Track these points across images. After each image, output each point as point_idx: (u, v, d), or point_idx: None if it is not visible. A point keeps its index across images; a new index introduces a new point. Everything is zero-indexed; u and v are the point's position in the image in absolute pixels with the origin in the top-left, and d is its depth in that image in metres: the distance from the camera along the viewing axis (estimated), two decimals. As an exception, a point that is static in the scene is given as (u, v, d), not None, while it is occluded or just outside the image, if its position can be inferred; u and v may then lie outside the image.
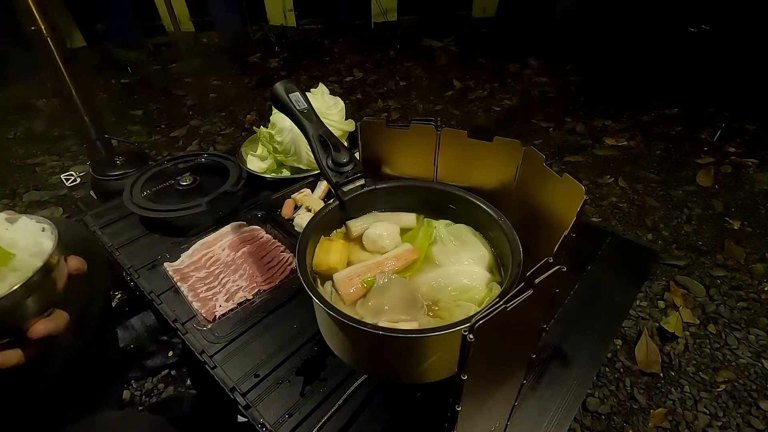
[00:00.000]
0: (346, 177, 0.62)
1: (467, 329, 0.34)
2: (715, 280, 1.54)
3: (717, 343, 1.34)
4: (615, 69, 3.15)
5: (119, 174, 1.33)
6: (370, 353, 0.55)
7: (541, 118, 2.59)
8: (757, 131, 2.39)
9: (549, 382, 0.69)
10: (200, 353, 0.74)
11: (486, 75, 3.15)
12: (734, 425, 1.14)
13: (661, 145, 2.32)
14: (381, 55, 3.54)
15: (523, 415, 0.64)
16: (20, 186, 2.11)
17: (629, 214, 1.86)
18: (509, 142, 0.62)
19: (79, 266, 0.49)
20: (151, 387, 1.24)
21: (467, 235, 0.66)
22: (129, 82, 3.20)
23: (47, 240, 0.46)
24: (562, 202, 0.55)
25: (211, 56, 3.61)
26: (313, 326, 0.76)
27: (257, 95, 2.96)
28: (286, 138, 1.12)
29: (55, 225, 0.48)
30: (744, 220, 1.80)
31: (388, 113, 2.73)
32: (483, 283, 0.60)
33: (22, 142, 2.49)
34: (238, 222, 0.99)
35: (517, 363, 0.49)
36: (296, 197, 1.03)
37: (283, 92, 0.66)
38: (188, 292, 0.83)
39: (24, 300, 0.41)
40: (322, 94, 1.19)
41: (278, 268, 0.88)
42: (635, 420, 1.16)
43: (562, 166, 2.16)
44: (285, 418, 0.65)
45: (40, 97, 2.88)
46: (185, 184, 1.09)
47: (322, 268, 0.62)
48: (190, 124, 2.63)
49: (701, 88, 2.77)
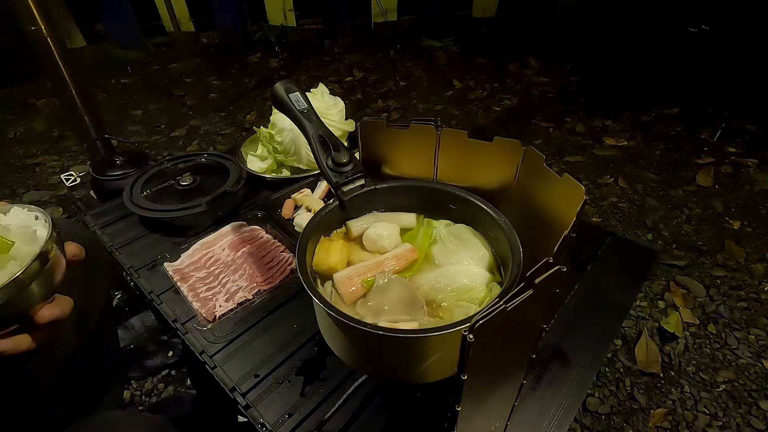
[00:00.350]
0: (346, 177, 0.62)
1: (467, 329, 0.34)
2: (715, 280, 1.54)
3: (717, 343, 1.34)
4: (615, 69, 3.15)
5: (119, 174, 1.33)
6: (370, 353, 0.55)
7: (541, 118, 2.59)
8: (757, 131, 2.39)
9: (549, 382, 0.69)
10: (200, 353, 0.74)
11: (486, 75, 3.15)
12: (734, 425, 1.14)
13: (661, 145, 2.32)
14: (381, 55, 3.54)
15: (523, 415, 0.64)
16: (20, 186, 2.11)
17: (629, 214, 1.86)
18: (509, 142, 0.62)
19: (77, 252, 0.49)
20: (151, 387, 1.24)
21: (467, 235, 0.66)
22: (129, 82, 3.20)
23: (41, 228, 0.47)
24: (562, 202, 0.55)
25: (211, 56, 3.61)
26: (313, 326, 0.76)
27: (257, 95, 2.96)
28: (286, 138, 1.12)
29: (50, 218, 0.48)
30: (744, 220, 1.80)
31: (388, 113, 2.73)
32: (483, 283, 0.60)
33: (22, 142, 2.49)
34: (238, 222, 0.99)
35: (517, 363, 0.49)
36: (296, 197, 1.03)
37: (283, 92, 0.66)
38: (188, 292, 0.83)
39: (27, 287, 0.42)
40: (322, 94, 1.19)
41: (278, 268, 0.88)
42: (635, 420, 1.16)
43: (562, 166, 2.16)
44: (285, 418, 0.65)
45: (40, 97, 2.88)
46: (185, 184, 1.09)
47: (322, 268, 0.62)
48: (190, 124, 2.63)
49: (701, 88, 2.77)
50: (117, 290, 1.41)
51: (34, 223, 0.47)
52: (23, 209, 0.48)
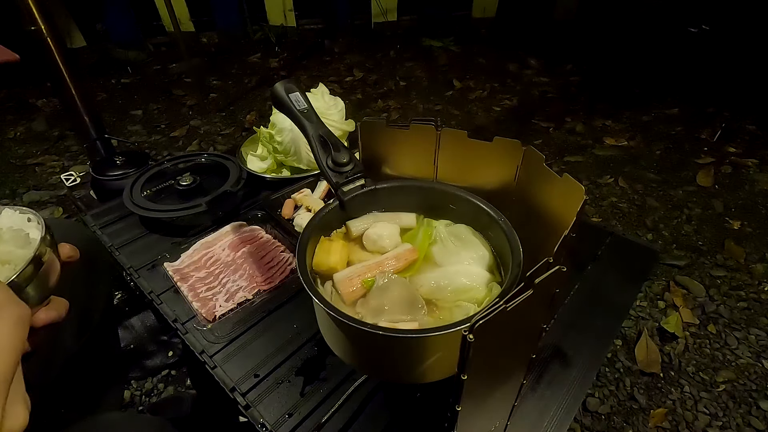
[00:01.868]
0: (346, 177, 0.62)
1: (467, 329, 0.34)
2: (715, 280, 1.54)
3: (717, 343, 1.34)
4: (615, 69, 3.15)
5: (119, 174, 1.33)
6: (370, 353, 0.55)
7: (541, 118, 2.59)
8: (757, 131, 2.39)
9: (549, 382, 0.69)
10: (200, 353, 0.74)
11: (486, 75, 3.15)
12: (734, 425, 1.14)
13: (661, 145, 2.32)
14: (381, 55, 3.54)
15: (523, 415, 0.64)
16: (20, 186, 2.11)
17: (629, 214, 1.86)
18: (509, 142, 0.62)
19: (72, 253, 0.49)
20: (151, 387, 1.24)
21: (467, 235, 0.66)
22: (129, 82, 3.20)
23: (34, 230, 0.46)
24: (562, 202, 0.55)
25: (211, 56, 3.61)
26: (313, 326, 0.76)
27: (257, 95, 2.96)
28: (286, 138, 1.12)
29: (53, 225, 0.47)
30: (744, 220, 1.80)
31: (388, 113, 2.73)
32: (483, 283, 0.60)
33: (22, 142, 2.49)
34: (238, 222, 0.99)
35: (517, 363, 0.49)
36: (296, 197, 1.03)
37: (283, 92, 0.66)
38: (188, 292, 0.83)
39: (22, 290, 0.41)
40: (322, 94, 1.19)
41: (278, 268, 0.88)
42: (635, 420, 1.16)
43: (562, 166, 2.16)
44: (285, 418, 0.65)
45: (40, 97, 2.88)
46: (185, 184, 1.09)
47: (322, 269, 0.62)
48: (190, 124, 2.63)
49: (701, 88, 2.77)
50: (117, 290, 1.41)
51: (27, 225, 0.46)
52: (15, 211, 0.47)
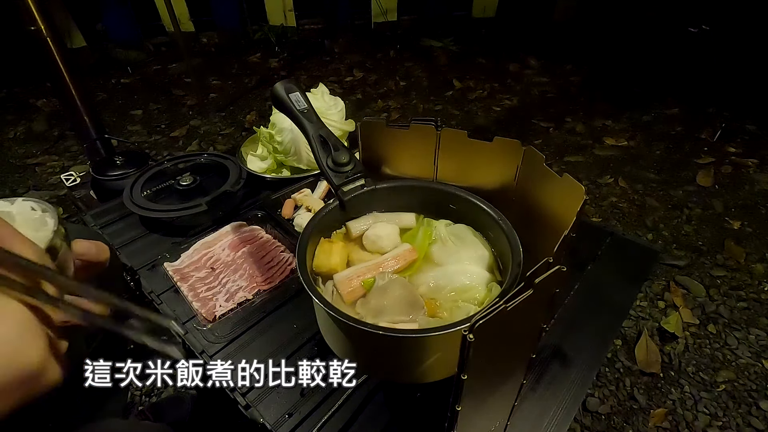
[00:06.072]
0: (346, 177, 0.62)
1: (467, 329, 0.34)
2: (715, 280, 1.54)
3: (717, 343, 1.34)
4: (615, 69, 3.15)
5: (119, 174, 1.33)
6: (369, 353, 0.55)
7: (541, 118, 2.59)
8: (757, 131, 2.39)
9: (549, 382, 0.69)
10: (200, 353, 0.74)
11: (486, 75, 3.15)
12: (734, 425, 1.14)
13: (661, 145, 2.32)
14: (381, 55, 3.54)
15: (523, 415, 0.64)
16: (20, 186, 2.11)
17: (629, 214, 1.86)
18: (509, 142, 0.62)
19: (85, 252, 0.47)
20: (151, 387, 1.24)
21: (467, 235, 0.66)
22: (129, 82, 3.20)
23: (50, 218, 0.47)
24: (562, 202, 0.55)
25: (211, 56, 3.61)
26: (313, 326, 0.76)
27: (257, 95, 2.96)
28: (286, 138, 1.12)
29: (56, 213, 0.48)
30: (744, 220, 1.80)
31: (388, 113, 2.73)
32: (483, 283, 0.60)
33: (22, 142, 2.49)
34: (238, 222, 0.99)
35: (517, 363, 0.49)
36: (296, 197, 1.03)
37: (283, 92, 0.66)
38: (188, 292, 0.83)
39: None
40: (322, 94, 1.19)
41: (278, 268, 0.88)
42: (635, 420, 1.16)
43: (562, 166, 2.16)
44: (285, 418, 0.65)
45: (40, 97, 2.88)
46: (185, 184, 1.09)
47: (323, 270, 0.62)
48: (190, 124, 2.63)
49: (701, 88, 2.77)
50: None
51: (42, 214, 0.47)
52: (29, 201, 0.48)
